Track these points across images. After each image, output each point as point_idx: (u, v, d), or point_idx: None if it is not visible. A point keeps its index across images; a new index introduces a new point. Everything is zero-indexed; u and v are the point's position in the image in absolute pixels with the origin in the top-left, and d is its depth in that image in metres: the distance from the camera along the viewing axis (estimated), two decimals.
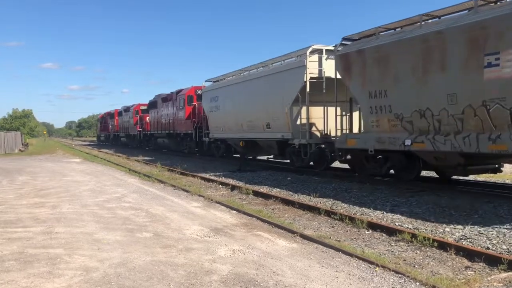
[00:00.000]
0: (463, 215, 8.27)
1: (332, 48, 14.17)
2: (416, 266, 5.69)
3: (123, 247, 6.55)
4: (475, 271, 5.45)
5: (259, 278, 5.18)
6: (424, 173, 13.22)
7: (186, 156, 27.06)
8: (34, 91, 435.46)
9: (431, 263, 5.84)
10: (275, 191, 12.07)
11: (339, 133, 13.96)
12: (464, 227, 7.39)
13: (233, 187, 12.88)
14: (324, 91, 14.39)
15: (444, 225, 7.61)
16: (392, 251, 6.40)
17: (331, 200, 10.42)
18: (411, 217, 8.38)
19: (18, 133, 49.54)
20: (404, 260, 5.95)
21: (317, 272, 5.38)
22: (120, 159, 27.13)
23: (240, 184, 13.47)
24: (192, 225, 8.08)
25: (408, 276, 5.13)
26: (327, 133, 14.84)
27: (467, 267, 5.61)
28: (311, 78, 14.51)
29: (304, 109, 14.82)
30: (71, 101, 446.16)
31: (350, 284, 5.00)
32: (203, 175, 16.07)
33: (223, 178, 15.29)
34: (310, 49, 14.51)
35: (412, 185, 11.62)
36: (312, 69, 14.56)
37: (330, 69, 14.31)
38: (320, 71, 14.64)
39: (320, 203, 10.09)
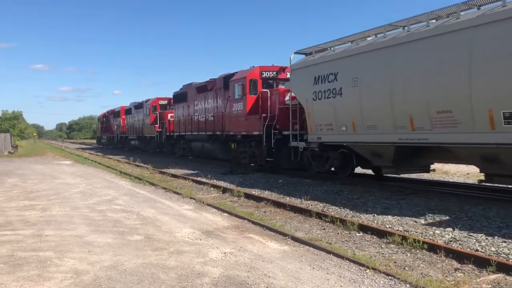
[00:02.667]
0: (453, 218, 8.34)
1: None
2: (406, 268, 5.74)
3: (114, 249, 6.52)
4: (464, 273, 5.50)
5: (250, 280, 5.18)
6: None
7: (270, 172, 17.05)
8: (24, 92, 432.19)
9: (421, 265, 5.88)
10: (266, 194, 12.09)
11: None
12: (454, 230, 7.45)
13: (224, 190, 12.87)
14: None
15: (434, 228, 7.67)
16: (383, 253, 6.44)
17: (322, 202, 10.45)
18: (401, 219, 8.44)
19: (7, 135, 49.04)
20: (395, 262, 5.99)
21: (308, 275, 5.40)
22: (110, 161, 26.96)
23: (232, 186, 13.46)
24: (184, 227, 8.07)
25: (398, 278, 5.16)
26: None
27: (456, 269, 5.66)
28: None
29: None
30: (62, 102, 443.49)
31: (341, 286, 5.03)
32: (194, 177, 16.04)
33: (214, 180, 15.28)
34: None
35: (403, 187, 11.72)
36: None
37: None
38: None
39: (312, 205, 10.12)
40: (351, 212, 9.24)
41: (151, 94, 58.34)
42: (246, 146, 18.50)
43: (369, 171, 14.83)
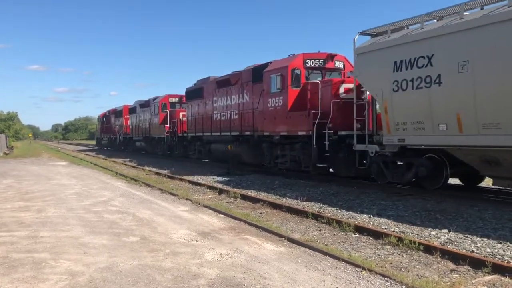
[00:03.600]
0: (449, 219, 8.36)
1: None
2: (402, 270, 5.74)
3: (110, 251, 6.50)
4: (460, 274, 5.51)
5: (246, 282, 5.17)
6: None
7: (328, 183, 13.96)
8: (20, 93, 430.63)
9: (417, 266, 5.89)
10: (263, 195, 12.08)
11: None
12: (450, 231, 7.47)
13: (221, 191, 12.86)
14: None
15: (430, 229, 7.68)
16: (379, 255, 6.44)
17: (319, 203, 10.46)
18: (397, 220, 8.45)
19: (2, 135, 48.74)
20: (391, 264, 6.00)
21: (304, 276, 5.40)
22: (106, 162, 26.88)
23: (228, 187, 13.45)
24: (180, 229, 8.05)
25: (394, 279, 5.17)
26: None
27: (452, 270, 5.67)
28: None
29: None
30: (58, 103, 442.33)
31: (337, 287, 5.03)
32: (191, 178, 16.01)
33: (210, 181, 15.26)
34: None
35: (399, 189, 11.74)
36: None
37: None
38: None
39: (308, 206, 10.12)
40: (347, 213, 9.25)
41: (148, 95, 56.29)
42: (286, 149, 15.67)
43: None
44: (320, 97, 13.91)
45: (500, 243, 6.69)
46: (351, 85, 13.26)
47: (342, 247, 6.85)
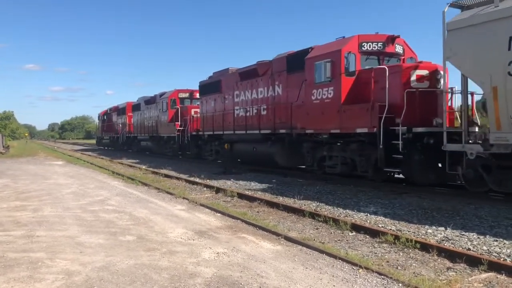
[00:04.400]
0: (445, 217, 8.38)
1: None
2: (399, 268, 5.75)
3: (106, 250, 6.48)
4: (456, 272, 5.53)
5: (243, 280, 5.17)
6: None
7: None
8: (16, 92, 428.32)
9: (413, 264, 5.90)
10: (260, 194, 12.07)
11: None
12: (446, 229, 7.49)
13: (218, 190, 12.84)
14: None
15: (427, 227, 7.70)
16: (376, 253, 6.45)
17: (316, 202, 10.46)
18: (394, 218, 8.47)
19: None
20: (387, 262, 6.00)
21: (301, 274, 5.40)
22: (103, 162, 26.80)
23: (225, 186, 13.44)
24: (176, 228, 8.04)
25: (391, 278, 5.18)
26: None
27: (448, 268, 5.69)
28: None
29: None
30: (54, 102, 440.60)
31: (334, 286, 5.03)
32: (187, 177, 15.99)
33: (207, 180, 15.24)
34: None
35: (396, 187, 11.74)
36: None
37: None
38: None
39: (305, 205, 10.13)
40: (344, 212, 9.26)
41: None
42: (335, 150, 13.53)
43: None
44: (387, 87, 11.38)
45: (496, 240, 6.71)
46: (424, 72, 11.43)
47: (339, 246, 6.85)
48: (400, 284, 5.01)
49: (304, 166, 15.76)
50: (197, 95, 25.65)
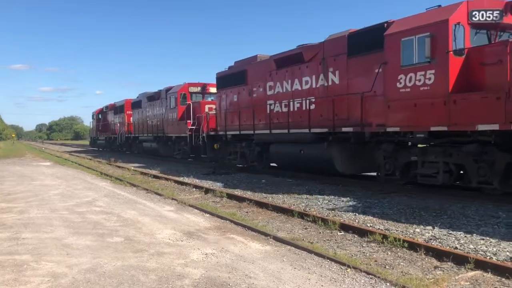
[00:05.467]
0: (433, 216, 8.44)
1: None
2: (387, 267, 5.77)
3: (93, 252, 6.42)
4: (443, 271, 5.56)
5: (231, 281, 5.15)
6: None
7: None
8: (2, 93, 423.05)
9: (401, 263, 5.93)
10: (249, 194, 12.05)
11: None
12: (434, 228, 7.53)
13: (207, 190, 12.80)
14: None
15: (415, 226, 7.74)
16: (364, 252, 6.47)
17: (305, 202, 10.47)
18: (382, 218, 8.50)
19: None
20: (375, 261, 6.02)
21: (290, 274, 5.39)
22: (91, 162, 26.56)
23: (214, 187, 13.40)
24: (165, 229, 7.99)
25: (379, 277, 5.19)
26: None
27: (436, 267, 5.72)
28: None
29: None
30: (42, 103, 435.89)
31: (322, 285, 5.03)
32: (176, 178, 15.92)
33: (196, 181, 15.19)
34: None
35: (384, 187, 11.77)
36: None
37: None
38: None
39: (294, 205, 10.13)
40: (332, 212, 9.27)
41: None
42: (431, 154, 10.43)
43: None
44: None
45: (483, 239, 6.76)
46: None
47: (327, 245, 6.86)
48: (388, 283, 5.03)
49: (375, 173, 12.64)
50: (210, 89, 23.56)
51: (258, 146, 17.06)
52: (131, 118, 34.12)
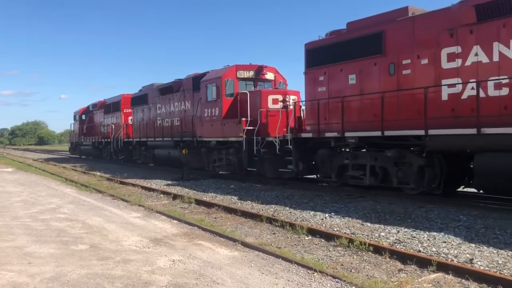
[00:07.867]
0: (398, 220, 8.63)
1: None
2: (352, 271, 5.87)
3: (57, 260, 6.26)
4: (407, 274, 5.70)
5: (198, 287, 5.12)
6: None
7: None
8: None
9: (367, 267, 6.04)
10: (218, 199, 12.01)
11: None
12: (398, 231, 7.72)
13: (175, 196, 12.68)
14: None
15: (380, 230, 7.90)
16: (330, 256, 6.55)
17: (273, 207, 10.53)
18: (349, 222, 8.64)
19: None
20: (342, 265, 6.11)
21: (257, 280, 5.41)
22: (56, 168, 25.86)
23: (182, 193, 13.29)
24: (131, 236, 7.87)
25: (344, 281, 5.28)
26: None
27: (400, 270, 5.85)
28: None
29: None
30: (4, 107, 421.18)
31: None
32: (144, 184, 15.70)
33: (164, 187, 15.03)
34: None
35: (351, 191, 11.97)
36: None
37: None
38: None
39: (262, 210, 10.17)
40: (300, 216, 9.36)
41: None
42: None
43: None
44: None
45: (445, 242, 6.97)
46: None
47: (295, 250, 6.92)
48: (354, 287, 5.12)
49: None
50: (266, 75, 17.20)
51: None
52: (131, 118, 27.42)
